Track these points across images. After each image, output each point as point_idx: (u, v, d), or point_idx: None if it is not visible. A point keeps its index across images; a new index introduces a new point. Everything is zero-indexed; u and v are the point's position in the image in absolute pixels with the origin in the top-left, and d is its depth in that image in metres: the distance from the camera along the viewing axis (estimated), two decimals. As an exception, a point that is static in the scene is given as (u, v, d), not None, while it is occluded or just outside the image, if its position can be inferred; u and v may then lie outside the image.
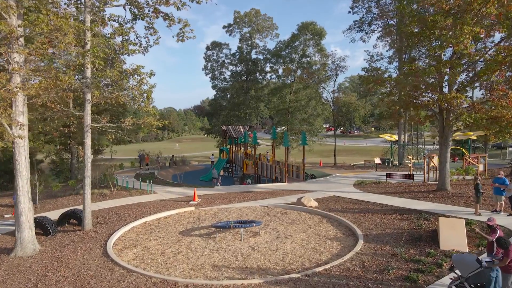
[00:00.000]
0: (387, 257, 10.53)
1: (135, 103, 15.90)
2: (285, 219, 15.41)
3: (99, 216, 16.44)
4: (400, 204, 16.64)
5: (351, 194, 19.69)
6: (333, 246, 12.00)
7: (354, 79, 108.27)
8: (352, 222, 14.30)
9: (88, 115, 14.19)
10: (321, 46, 46.26)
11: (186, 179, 29.20)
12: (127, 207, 18.16)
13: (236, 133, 37.47)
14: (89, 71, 14.00)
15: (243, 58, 52.17)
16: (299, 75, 46.35)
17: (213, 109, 57.03)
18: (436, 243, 11.25)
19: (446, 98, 16.18)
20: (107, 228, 14.43)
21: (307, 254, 11.31)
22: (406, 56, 35.04)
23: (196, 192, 19.73)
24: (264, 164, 29.54)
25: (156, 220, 15.79)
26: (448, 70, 17.16)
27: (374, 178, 25.89)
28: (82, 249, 12.04)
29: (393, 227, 13.39)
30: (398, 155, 38.31)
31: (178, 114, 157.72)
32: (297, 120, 45.37)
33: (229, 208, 17.60)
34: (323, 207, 16.97)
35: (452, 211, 14.78)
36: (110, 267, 10.42)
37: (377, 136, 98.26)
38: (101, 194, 21.52)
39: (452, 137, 30.04)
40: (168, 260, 11.11)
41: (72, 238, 13.25)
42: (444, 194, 17.85)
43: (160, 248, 12.21)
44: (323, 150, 57.26)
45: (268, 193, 21.36)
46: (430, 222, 13.44)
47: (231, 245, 12.35)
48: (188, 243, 12.68)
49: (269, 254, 11.44)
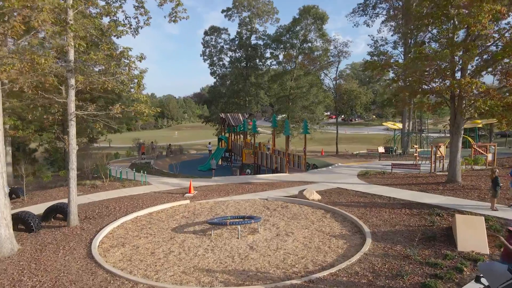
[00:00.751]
0: (399, 259, 9.52)
1: (125, 89, 14.71)
2: (286, 214, 14.40)
3: (88, 210, 15.45)
4: (409, 197, 15.62)
5: (356, 186, 18.66)
6: (339, 245, 10.99)
7: (355, 66, 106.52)
8: (358, 217, 13.28)
9: (72, 102, 13.02)
10: (323, 31, 44.68)
11: (183, 169, 28.16)
12: (119, 200, 17.15)
13: (235, 121, 36.30)
14: (71, 54, 12.78)
15: (242, 43, 50.57)
16: (300, 61, 44.90)
17: (212, 97, 55.66)
18: (453, 243, 10.24)
19: (460, 84, 14.98)
20: (95, 224, 13.42)
21: (311, 255, 10.31)
22: (412, 41, 33.67)
23: (192, 183, 18.69)
24: (264, 154, 28.47)
25: (148, 214, 14.78)
26: (461, 54, 15.94)
27: (378, 168, 24.87)
28: (64, 248, 11.03)
29: (403, 223, 12.36)
30: (402, 144, 37.21)
31: (177, 101, 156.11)
32: (298, 107, 44.10)
33: (226, 201, 16.59)
34: (326, 201, 15.95)
35: (466, 205, 13.75)
36: (93, 270, 9.42)
37: (379, 124, 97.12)
38: (93, 185, 20.50)
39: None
40: (158, 262, 10.11)
41: (56, 236, 12.24)
42: (455, 186, 16.80)
43: (150, 247, 11.21)
44: (324, 138, 56.15)
45: (268, 184, 20.33)
46: (443, 218, 12.42)
47: (227, 244, 11.35)
48: (181, 241, 11.68)
49: (269, 254, 10.45)
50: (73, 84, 12.95)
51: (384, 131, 74.74)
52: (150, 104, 15.22)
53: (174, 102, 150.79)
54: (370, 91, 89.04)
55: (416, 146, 29.05)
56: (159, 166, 29.90)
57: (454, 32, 15.72)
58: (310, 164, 27.60)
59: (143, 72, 15.24)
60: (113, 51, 12.62)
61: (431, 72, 16.10)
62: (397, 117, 63.88)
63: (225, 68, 52.96)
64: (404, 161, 27.05)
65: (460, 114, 16.79)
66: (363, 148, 47.97)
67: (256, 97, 54.06)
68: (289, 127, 26.70)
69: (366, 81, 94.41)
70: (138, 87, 15.60)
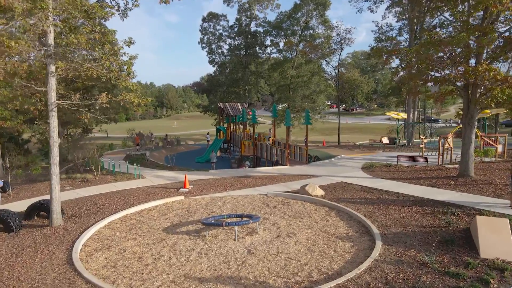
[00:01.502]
0: (415, 267, 8.48)
1: (112, 77, 13.51)
2: (287, 212, 13.37)
3: (75, 207, 14.43)
4: (419, 193, 14.57)
5: (361, 180, 17.60)
6: (345, 249, 9.97)
7: (356, 55, 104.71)
8: (365, 216, 12.24)
9: (52, 90, 11.86)
10: (325, 18, 43.07)
11: (179, 161, 27.04)
12: (109, 195, 16.12)
13: (233, 111, 35.06)
14: (51, 38, 11.58)
15: (241, 30, 48.94)
16: (301, 49, 43.43)
17: (210, 86, 54.25)
18: (473, 248, 9.20)
19: (477, 71, 13.79)
20: (80, 223, 12.39)
21: (315, 260, 9.29)
22: (418, 27, 32.27)
23: (187, 177, 17.64)
24: (264, 145, 27.35)
25: (139, 212, 13.74)
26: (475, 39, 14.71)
27: (383, 160, 23.81)
28: (43, 253, 10.01)
29: (415, 223, 11.32)
30: (406, 135, 36.07)
31: (176, 91, 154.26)
32: (299, 97, 42.73)
33: (223, 197, 15.55)
34: (330, 197, 14.91)
35: (482, 203, 12.70)
36: (71, 280, 8.40)
37: (381, 113, 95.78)
38: (84, 179, 19.45)
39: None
40: (146, 269, 9.09)
41: (35, 238, 11.22)
42: (467, 181, 15.75)
43: (138, 251, 10.19)
44: (325, 128, 54.90)
45: (268, 178, 19.27)
46: (459, 217, 11.39)
47: (223, 247, 10.33)
48: (172, 243, 10.66)
49: (269, 260, 9.42)
50: (53, 71, 11.76)
51: (386, 121, 73.55)
52: (140, 93, 14.08)
53: (173, 92, 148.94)
54: (372, 80, 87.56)
55: (423, 137, 27.88)
56: (154, 158, 28.81)
57: (470, 15, 14.45)
58: (312, 156, 26.51)
59: (133, 58, 14.05)
60: (96, 34, 11.38)
61: (445, 58, 14.87)
62: (400, 107, 62.47)
63: (224, 56, 51.45)
64: (410, 153, 25.96)
65: (473, 104, 15.64)
66: (365, 139, 46.84)
67: (256, 86, 52.60)
68: (290, 117, 25.53)
69: (368, 70, 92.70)
70: (128, 75, 14.48)
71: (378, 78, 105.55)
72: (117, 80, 13.31)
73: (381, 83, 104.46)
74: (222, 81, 50.78)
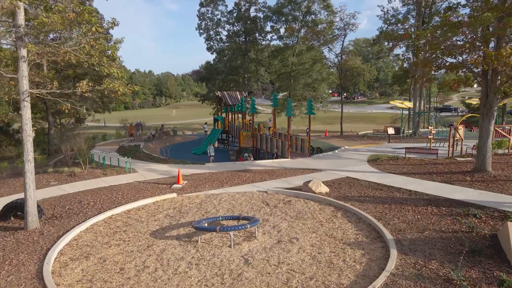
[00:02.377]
0: (439, 284, 7.26)
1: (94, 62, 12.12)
2: (289, 212, 12.13)
3: (57, 206, 13.20)
4: (433, 190, 13.32)
5: (368, 175, 16.35)
6: (356, 258, 8.74)
7: (358, 42, 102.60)
8: (376, 218, 11.01)
9: (24, 78, 10.48)
10: (327, 2, 41.30)
11: (175, 153, 25.76)
12: (96, 192, 14.89)
13: (232, 100, 33.62)
14: (21, 17, 10.17)
15: (241, 15, 47.16)
16: (302, 36, 41.74)
17: (209, 74, 52.66)
18: (504, 260, 7.97)
19: (500, 56, 12.39)
20: (59, 226, 11.17)
21: (321, 273, 8.07)
22: (427, 11, 30.62)
23: (181, 172, 16.39)
24: (264, 137, 26.03)
25: (126, 212, 12.51)
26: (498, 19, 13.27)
27: (389, 152, 22.55)
28: (11, 263, 8.79)
29: (433, 227, 10.09)
30: (412, 124, 34.72)
31: (176, 79, 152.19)
32: (300, 85, 41.23)
33: (219, 194, 14.31)
34: (335, 194, 13.66)
35: (505, 203, 11.45)
36: (38, 299, 7.21)
37: (383, 102, 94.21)
38: (71, 173, 18.19)
39: (473, 104, 25.75)
40: (127, 284, 7.88)
41: (6, 244, 9.99)
42: (485, 177, 14.48)
43: (120, 260, 8.97)
44: (326, 117, 53.53)
45: (268, 172, 18.02)
46: (482, 220, 10.15)
47: (217, 255, 9.12)
48: (160, 251, 9.45)
49: (268, 272, 8.21)
50: (24, 56, 10.37)
51: (388, 110, 72.09)
52: (125, 80, 12.73)
53: (173, 80, 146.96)
54: (374, 68, 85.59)
55: (431, 127, 26.54)
56: (149, 150, 27.51)
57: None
58: (314, 148, 25.24)
59: (118, 42, 12.73)
60: (70, 13, 9.96)
61: (464, 42, 13.46)
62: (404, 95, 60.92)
63: (222, 42, 49.79)
64: (417, 144, 24.67)
65: (493, 92, 14.27)
66: (368, 128, 45.56)
67: (256, 74, 51.03)
68: (291, 107, 24.16)
69: (370, 58, 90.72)
70: (113, 60, 13.17)
71: (380, 66, 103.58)
72: (99, 66, 11.96)
73: (383, 71, 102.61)
74: (220, 69, 49.20)
